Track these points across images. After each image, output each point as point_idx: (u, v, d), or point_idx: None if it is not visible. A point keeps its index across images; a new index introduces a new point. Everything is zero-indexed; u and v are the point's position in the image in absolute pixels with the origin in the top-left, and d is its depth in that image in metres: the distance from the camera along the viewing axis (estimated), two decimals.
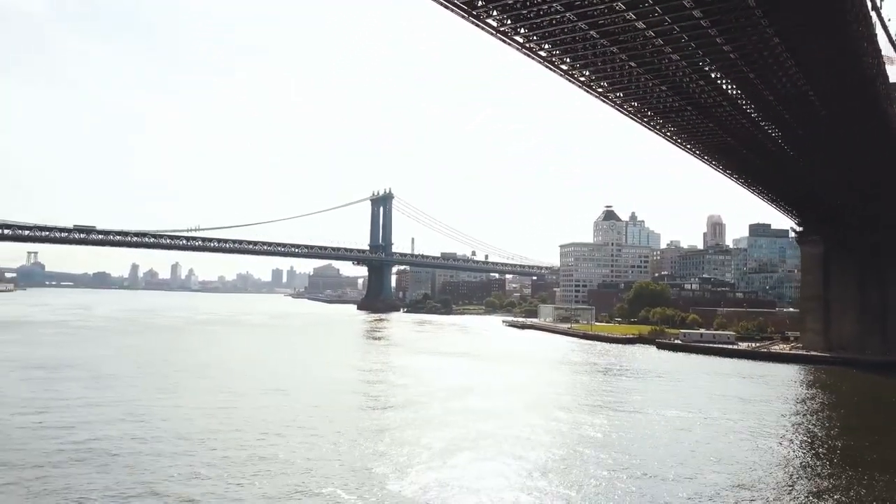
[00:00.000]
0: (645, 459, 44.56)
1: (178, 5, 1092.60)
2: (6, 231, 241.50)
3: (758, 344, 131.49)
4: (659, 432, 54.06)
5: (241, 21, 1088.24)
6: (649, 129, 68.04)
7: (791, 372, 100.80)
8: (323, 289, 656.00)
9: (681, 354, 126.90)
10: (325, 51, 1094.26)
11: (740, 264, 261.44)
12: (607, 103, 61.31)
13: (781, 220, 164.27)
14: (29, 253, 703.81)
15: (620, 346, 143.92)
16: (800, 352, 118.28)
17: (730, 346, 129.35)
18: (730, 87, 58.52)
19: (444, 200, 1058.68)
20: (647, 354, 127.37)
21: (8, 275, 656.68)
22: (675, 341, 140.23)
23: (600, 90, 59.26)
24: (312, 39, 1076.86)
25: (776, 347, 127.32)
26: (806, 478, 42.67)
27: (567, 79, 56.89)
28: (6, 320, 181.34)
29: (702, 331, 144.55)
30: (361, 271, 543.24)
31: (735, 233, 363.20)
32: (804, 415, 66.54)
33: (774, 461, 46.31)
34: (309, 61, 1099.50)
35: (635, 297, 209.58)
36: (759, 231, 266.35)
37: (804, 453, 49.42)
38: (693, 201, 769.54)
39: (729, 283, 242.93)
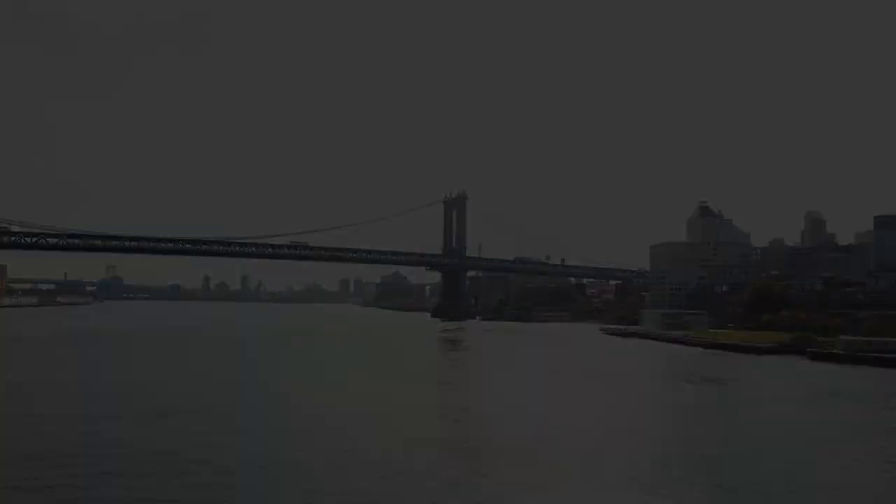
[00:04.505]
0: None
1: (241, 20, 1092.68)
2: (77, 241, 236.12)
3: None
4: None
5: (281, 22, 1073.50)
6: None
7: None
8: (392, 297, 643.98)
9: (851, 367, 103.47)
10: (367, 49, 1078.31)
11: (866, 261, 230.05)
12: None
13: None
14: (108, 267, 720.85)
15: (764, 357, 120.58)
16: None
17: None
18: None
19: (511, 202, 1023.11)
20: (807, 368, 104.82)
21: (89, 288, 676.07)
22: (834, 350, 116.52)
23: None
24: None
25: None
26: None
27: None
28: (79, 333, 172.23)
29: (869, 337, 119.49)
30: (430, 279, 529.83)
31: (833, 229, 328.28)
32: None
33: None
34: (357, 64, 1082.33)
35: (754, 299, 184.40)
36: (889, 223, 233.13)
37: None
38: (773, 198, 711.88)
39: (858, 283, 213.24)
